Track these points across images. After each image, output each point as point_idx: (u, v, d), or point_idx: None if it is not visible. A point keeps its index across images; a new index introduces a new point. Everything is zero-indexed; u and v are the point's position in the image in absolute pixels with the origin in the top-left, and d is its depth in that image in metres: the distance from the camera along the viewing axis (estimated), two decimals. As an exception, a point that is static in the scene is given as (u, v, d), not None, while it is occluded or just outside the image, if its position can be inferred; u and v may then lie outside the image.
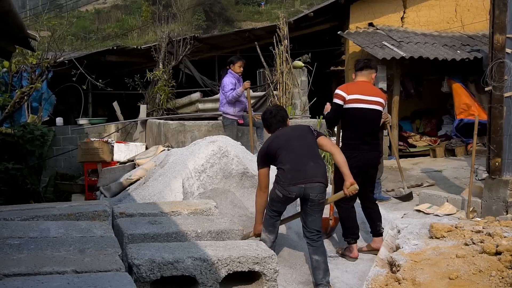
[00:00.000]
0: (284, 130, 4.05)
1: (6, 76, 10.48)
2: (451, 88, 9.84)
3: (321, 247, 3.81)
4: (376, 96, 4.55)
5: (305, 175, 3.74)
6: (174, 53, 11.01)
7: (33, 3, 27.47)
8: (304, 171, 3.75)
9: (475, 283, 3.29)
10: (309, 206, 3.78)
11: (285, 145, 3.86)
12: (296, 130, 4.07)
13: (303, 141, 3.90)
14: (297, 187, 3.72)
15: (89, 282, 2.25)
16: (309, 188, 3.71)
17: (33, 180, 8.62)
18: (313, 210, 3.78)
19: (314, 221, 3.81)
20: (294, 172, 3.74)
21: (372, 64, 4.68)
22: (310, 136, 3.98)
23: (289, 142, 3.88)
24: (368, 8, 10.92)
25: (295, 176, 3.73)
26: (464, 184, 6.53)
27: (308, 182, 3.72)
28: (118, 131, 10.76)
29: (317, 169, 3.79)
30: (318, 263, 3.74)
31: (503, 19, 5.28)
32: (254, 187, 4.83)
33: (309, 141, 3.93)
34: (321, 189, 3.77)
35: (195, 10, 31.01)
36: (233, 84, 6.89)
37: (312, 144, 3.93)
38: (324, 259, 3.78)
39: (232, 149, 5.10)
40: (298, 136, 3.94)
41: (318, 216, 3.84)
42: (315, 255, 3.76)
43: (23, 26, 4.80)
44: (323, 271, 3.73)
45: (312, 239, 3.79)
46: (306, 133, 3.99)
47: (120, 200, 5.31)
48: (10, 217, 3.42)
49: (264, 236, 3.97)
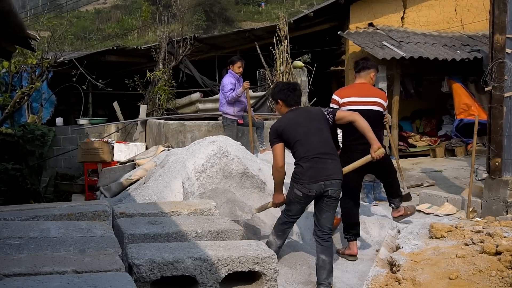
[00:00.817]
0: (300, 117, 3.91)
1: (6, 76, 10.49)
2: (451, 88, 9.84)
3: (330, 248, 3.80)
4: (374, 97, 4.59)
5: (326, 172, 3.74)
6: (174, 53, 11.02)
7: (33, 3, 27.48)
8: (324, 168, 3.74)
9: (475, 283, 3.30)
10: (325, 202, 3.78)
11: (304, 140, 3.81)
12: (314, 120, 3.90)
13: (321, 136, 3.84)
14: (317, 185, 3.72)
15: (89, 282, 2.25)
16: (329, 185, 3.73)
17: (33, 180, 8.63)
18: (329, 206, 3.79)
19: (328, 217, 3.81)
20: (314, 170, 3.73)
21: (369, 64, 4.71)
22: (326, 127, 3.91)
23: (308, 137, 3.81)
24: (368, 8, 10.92)
25: (315, 173, 3.73)
26: (464, 184, 6.53)
27: (329, 180, 3.73)
28: (118, 131, 10.76)
29: (335, 166, 3.80)
30: (325, 263, 3.73)
31: (503, 19, 5.28)
32: (254, 187, 4.84)
33: (326, 134, 3.87)
34: (339, 185, 3.79)
35: (195, 10, 31.02)
36: (232, 84, 6.89)
37: (329, 137, 3.89)
38: (331, 260, 3.77)
39: (232, 149, 5.10)
40: (316, 130, 3.84)
41: (333, 212, 3.84)
42: (323, 255, 3.75)
43: (23, 26, 4.80)
44: (327, 271, 3.72)
45: (322, 238, 3.78)
46: (322, 124, 3.90)
47: (120, 200, 5.32)
48: (10, 217, 3.42)
49: (272, 239, 3.97)
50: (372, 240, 4.86)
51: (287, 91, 3.98)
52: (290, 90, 3.98)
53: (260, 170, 5.10)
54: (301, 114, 3.95)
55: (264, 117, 8.46)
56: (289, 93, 3.97)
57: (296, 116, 3.94)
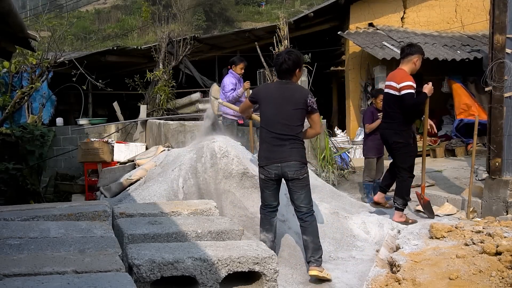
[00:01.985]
0: (280, 96, 3.87)
1: (6, 77, 10.49)
2: (451, 88, 9.84)
3: (310, 227, 3.87)
4: (389, 81, 5.23)
5: (281, 154, 3.81)
6: (174, 53, 11.02)
7: (33, 3, 27.49)
8: (279, 151, 3.82)
9: (475, 283, 3.29)
10: (290, 185, 3.88)
11: (270, 120, 3.86)
12: (289, 102, 3.84)
13: (288, 121, 3.81)
14: (274, 166, 3.82)
15: (89, 282, 2.25)
16: (285, 167, 3.80)
17: (33, 180, 8.63)
18: (295, 187, 3.87)
19: (299, 198, 3.88)
20: (269, 152, 3.85)
21: (404, 53, 5.19)
22: (299, 112, 3.84)
23: (275, 117, 3.83)
24: (368, 9, 10.92)
25: (270, 156, 3.84)
26: (464, 184, 6.53)
27: (284, 161, 3.80)
28: (118, 131, 10.76)
29: (291, 151, 3.82)
30: (307, 242, 3.86)
31: (503, 19, 5.28)
32: (254, 187, 4.83)
33: (294, 120, 3.82)
34: (297, 166, 3.81)
35: (195, 10, 31.03)
36: (233, 85, 6.89)
37: (296, 125, 3.83)
38: (313, 239, 3.85)
39: (232, 149, 5.10)
40: (286, 114, 3.81)
41: (302, 192, 3.88)
42: (304, 235, 3.88)
43: (23, 26, 4.80)
44: (311, 250, 3.83)
45: (301, 219, 3.90)
46: (297, 108, 3.83)
47: (120, 200, 5.32)
48: (10, 217, 3.42)
49: (263, 237, 4.00)
50: (372, 240, 4.86)
51: (276, 65, 3.95)
52: (279, 63, 3.92)
53: (260, 170, 5.09)
54: (283, 93, 3.89)
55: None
56: (277, 67, 3.95)
57: (277, 91, 3.92)
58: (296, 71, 3.93)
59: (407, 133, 5.20)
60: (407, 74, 5.11)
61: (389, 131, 5.24)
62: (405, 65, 5.16)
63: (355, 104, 10.89)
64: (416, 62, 5.13)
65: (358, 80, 10.85)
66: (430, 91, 5.14)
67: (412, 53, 5.11)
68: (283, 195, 4.97)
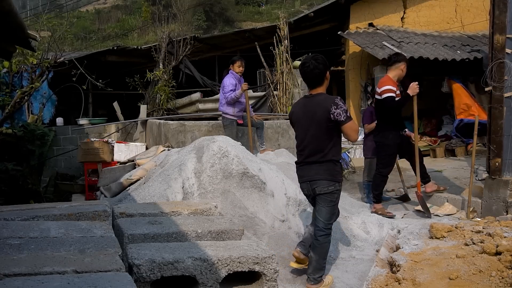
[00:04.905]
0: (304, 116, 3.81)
1: (6, 76, 10.49)
2: (451, 88, 9.83)
3: (320, 248, 3.82)
4: (377, 87, 5.78)
5: (309, 173, 3.83)
6: (174, 53, 11.02)
7: (33, 3, 27.48)
8: (308, 170, 3.83)
9: (475, 283, 3.29)
10: (317, 198, 3.86)
11: (299, 145, 3.92)
12: (311, 124, 3.76)
13: (314, 144, 3.77)
14: (305, 184, 3.87)
15: (89, 282, 2.25)
16: (314, 184, 3.80)
17: (33, 180, 8.62)
18: (321, 199, 3.83)
19: (320, 210, 3.83)
20: (300, 171, 3.92)
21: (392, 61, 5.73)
22: (324, 131, 3.72)
23: (302, 142, 3.87)
24: (368, 9, 10.92)
25: (301, 174, 3.90)
26: (464, 184, 6.53)
27: (313, 180, 3.80)
28: (118, 131, 10.77)
29: (319, 169, 3.79)
30: (311, 259, 3.84)
31: (503, 19, 5.28)
32: (254, 187, 4.83)
33: (320, 141, 3.75)
34: (324, 184, 3.78)
35: (195, 10, 31.05)
36: (233, 85, 6.89)
37: (323, 144, 3.75)
38: (318, 259, 3.82)
39: (232, 149, 5.10)
40: (312, 138, 3.76)
41: (323, 206, 3.82)
42: (312, 251, 3.86)
43: (24, 26, 4.81)
44: (313, 268, 3.82)
45: (315, 235, 3.86)
46: (321, 128, 3.72)
47: (121, 200, 5.31)
48: (11, 217, 3.42)
49: (306, 229, 4.10)
50: (372, 240, 4.86)
51: (303, 74, 3.87)
52: (304, 72, 3.82)
53: (260, 170, 5.09)
54: (307, 112, 3.83)
55: (264, 117, 8.46)
56: (303, 75, 3.87)
57: (301, 110, 3.88)
58: (327, 73, 3.91)
59: (386, 134, 5.69)
60: (389, 79, 5.63)
61: (375, 132, 5.93)
62: (392, 72, 5.69)
63: (355, 104, 10.89)
64: (403, 69, 5.69)
65: (358, 80, 10.85)
66: (413, 91, 5.52)
67: (399, 61, 5.68)
68: (283, 195, 4.98)
